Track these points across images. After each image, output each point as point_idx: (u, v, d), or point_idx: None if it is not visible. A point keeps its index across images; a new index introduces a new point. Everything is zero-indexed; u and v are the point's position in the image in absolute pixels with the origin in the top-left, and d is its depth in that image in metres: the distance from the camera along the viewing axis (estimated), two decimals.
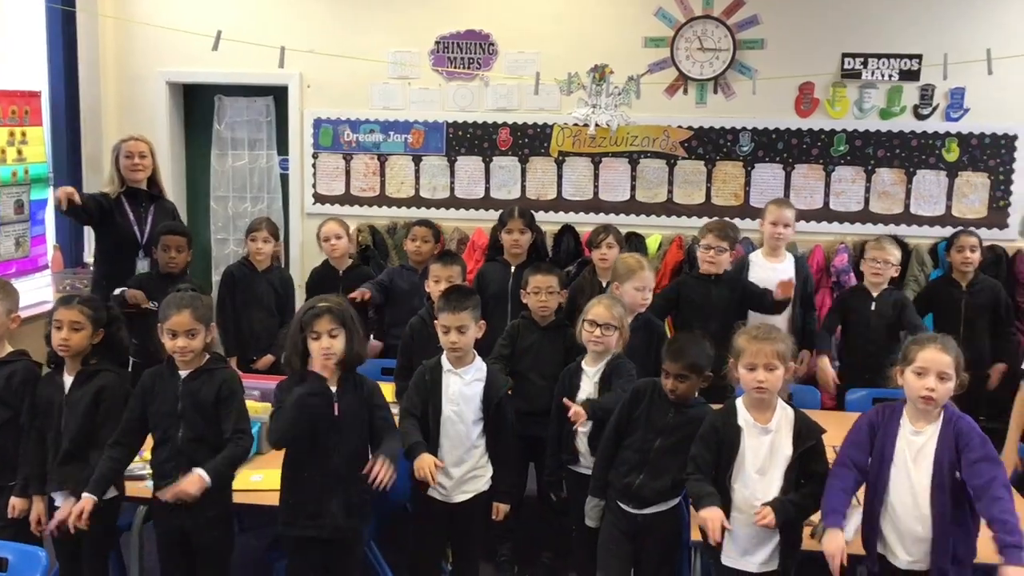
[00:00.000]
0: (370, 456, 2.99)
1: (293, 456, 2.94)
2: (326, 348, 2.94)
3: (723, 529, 2.73)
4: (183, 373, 3.01)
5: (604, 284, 4.41)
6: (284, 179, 6.38)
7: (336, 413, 2.97)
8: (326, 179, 6.23)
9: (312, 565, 3.06)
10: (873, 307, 4.50)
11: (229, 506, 3.14)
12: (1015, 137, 5.63)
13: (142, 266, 4.74)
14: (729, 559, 2.89)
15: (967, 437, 2.71)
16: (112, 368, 3.17)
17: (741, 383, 2.91)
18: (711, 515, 2.75)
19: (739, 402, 2.93)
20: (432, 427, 3.29)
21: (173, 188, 5.90)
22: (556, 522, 3.96)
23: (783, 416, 2.88)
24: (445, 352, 3.36)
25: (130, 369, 3.54)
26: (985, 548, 2.73)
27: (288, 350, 3.02)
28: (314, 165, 6.23)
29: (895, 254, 4.53)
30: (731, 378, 2.98)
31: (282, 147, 6.35)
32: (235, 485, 3.21)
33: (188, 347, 2.97)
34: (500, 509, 3.39)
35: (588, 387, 3.53)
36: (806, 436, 2.85)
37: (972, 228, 5.21)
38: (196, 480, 2.85)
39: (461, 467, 3.31)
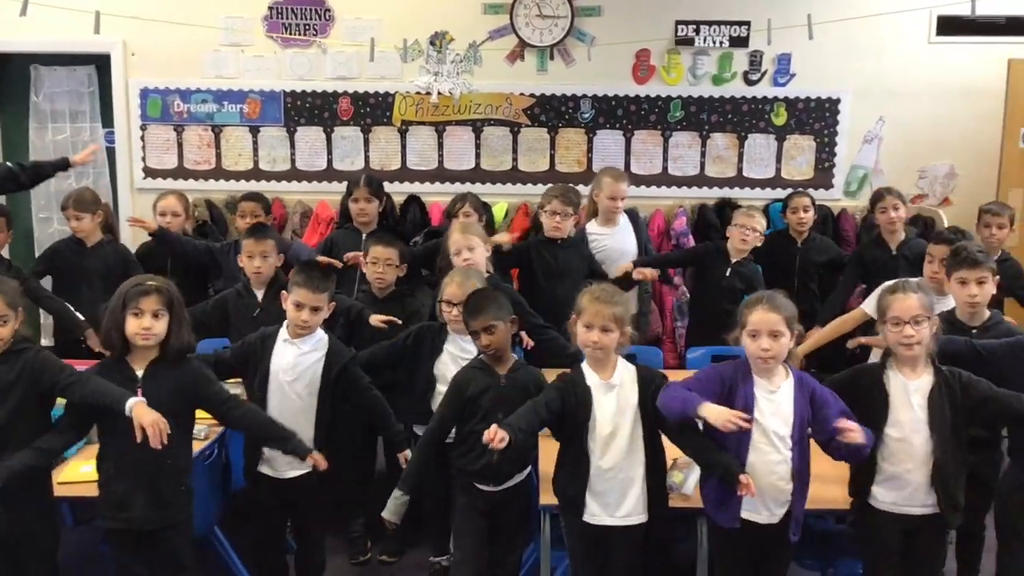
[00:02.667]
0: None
1: (102, 445, 2.77)
2: (146, 328, 2.79)
3: None
4: None
5: None
6: (111, 153, 6.03)
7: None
8: (156, 152, 5.93)
9: (133, 557, 2.91)
10: (728, 273, 4.61)
11: (48, 499, 2.94)
12: (838, 101, 5.88)
13: None
14: (591, 516, 2.92)
15: (820, 396, 2.81)
16: None
17: (578, 340, 2.96)
18: None
19: (583, 366, 2.98)
20: (259, 396, 3.19)
21: None
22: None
23: (624, 370, 2.96)
24: (289, 326, 3.26)
25: None
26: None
27: (107, 325, 2.83)
28: (143, 138, 5.91)
29: (762, 223, 4.67)
30: (569, 333, 3.03)
31: (107, 119, 5.99)
32: (64, 477, 3.05)
33: None
34: (404, 457, 3.33)
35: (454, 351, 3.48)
36: (651, 380, 2.92)
37: (802, 189, 5.45)
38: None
39: None
